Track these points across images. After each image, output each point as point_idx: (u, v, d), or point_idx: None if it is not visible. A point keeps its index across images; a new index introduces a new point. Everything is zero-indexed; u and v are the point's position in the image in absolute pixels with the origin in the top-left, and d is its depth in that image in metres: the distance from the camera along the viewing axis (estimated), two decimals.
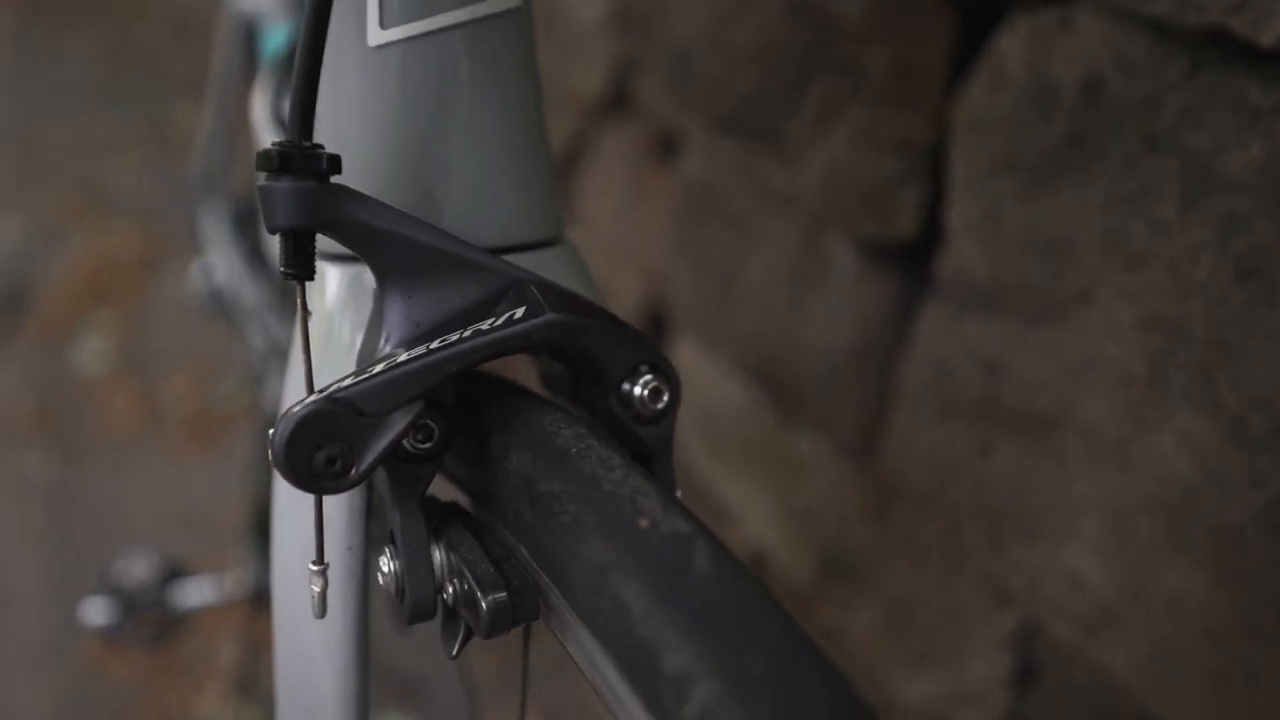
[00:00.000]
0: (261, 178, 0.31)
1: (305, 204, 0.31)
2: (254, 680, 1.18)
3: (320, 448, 0.30)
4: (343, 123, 0.36)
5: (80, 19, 3.58)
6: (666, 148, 1.02)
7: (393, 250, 0.33)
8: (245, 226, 1.06)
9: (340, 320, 0.37)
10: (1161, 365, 0.52)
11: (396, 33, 0.35)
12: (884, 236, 0.73)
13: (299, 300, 0.32)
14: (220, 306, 1.06)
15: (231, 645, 1.21)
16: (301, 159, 0.30)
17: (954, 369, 0.68)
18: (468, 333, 0.32)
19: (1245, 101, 0.46)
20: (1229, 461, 0.49)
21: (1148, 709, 0.58)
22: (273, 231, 0.31)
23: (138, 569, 0.91)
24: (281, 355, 0.93)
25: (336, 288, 0.38)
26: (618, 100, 1.06)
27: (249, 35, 1.00)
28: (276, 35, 0.93)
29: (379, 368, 0.31)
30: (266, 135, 0.66)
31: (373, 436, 0.31)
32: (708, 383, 1.03)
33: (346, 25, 0.35)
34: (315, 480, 0.30)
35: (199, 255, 1.10)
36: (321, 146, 0.31)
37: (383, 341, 0.34)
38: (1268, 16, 0.43)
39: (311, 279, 0.32)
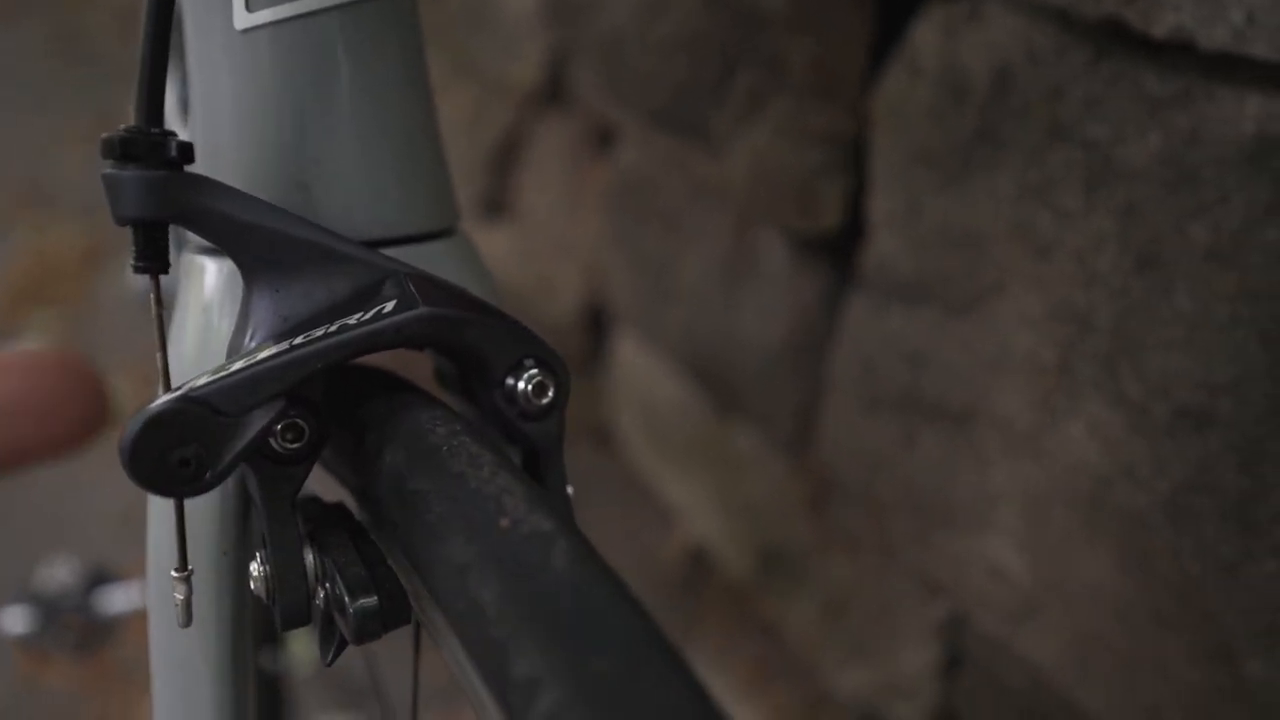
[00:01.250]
0: (106, 166, 0.30)
1: (154, 194, 0.29)
2: None
3: (173, 449, 0.29)
4: (212, 111, 0.35)
5: (20, 8, 3.48)
6: (603, 140, 1.01)
7: (256, 243, 0.32)
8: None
9: (218, 315, 0.36)
10: (1069, 355, 0.52)
11: (265, 15, 0.34)
12: (810, 230, 0.72)
13: (153, 295, 0.31)
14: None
15: None
16: (148, 146, 0.29)
17: (879, 362, 0.68)
18: (334, 328, 0.31)
19: (1143, 91, 0.46)
20: (1135, 450, 0.49)
21: (1070, 697, 0.59)
22: (120, 223, 0.30)
23: (60, 575, 0.88)
24: None
25: (214, 281, 0.36)
26: (553, 92, 1.05)
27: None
28: None
29: (238, 364, 0.30)
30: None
31: (231, 437, 0.30)
32: (649, 379, 1.02)
33: (213, 7, 0.34)
34: (168, 483, 0.29)
35: None
36: (172, 134, 0.30)
37: (248, 338, 0.33)
38: (1159, 8, 0.43)
39: (165, 272, 0.31)
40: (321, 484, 0.37)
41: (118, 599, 0.91)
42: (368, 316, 0.32)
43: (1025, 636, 0.60)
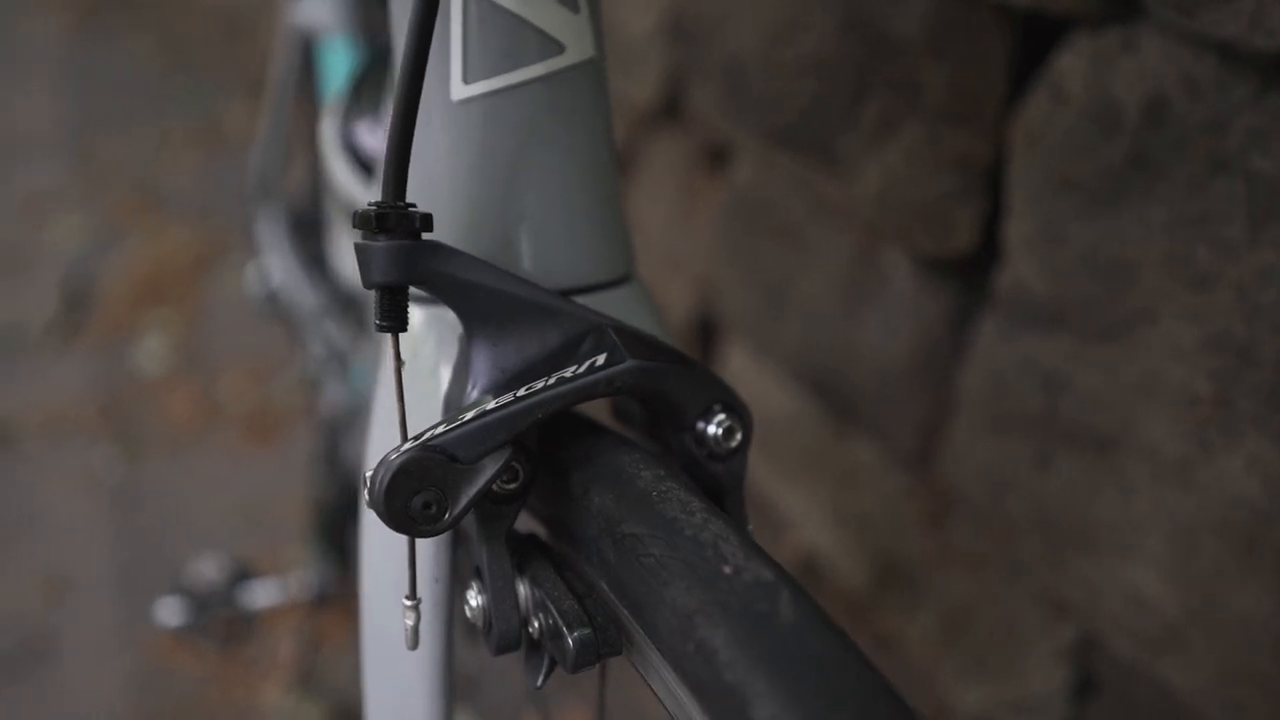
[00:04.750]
0: (358, 236, 0.33)
1: (400, 261, 0.32)
2: (314, 674, 1.22)
3: (417, 493, 0.32)
4: (426, 174, 0.38)
5: (133, 19, 3.66)
6: (717, 157, 1.02)
7: (480, 301, 0.35)
8: (302, 232, 1.08)
9: (424, 361, 0.39)
10: (1228, 388, 0.52)
11: (479, 87, 0.36)
12: (941, 252, 0.73)
13: (393, 350, 0.34)
14: (276, 309, 1.08)
15: (291, 640, 1.25)
16: (397, 219, 0.32)
17: (1011, 382, 0.68)
18: (552, 380, 0.34)
19: None
20: None
21: None
22: (369, 287, 0.33)
23: (208, 570, 0.95)
24: (339, 360, 0.95)
25: (420, 329, 0.39)
26: (667, 109, 1.07)
27: (306, 47, 1.03)
28: (335, 51, 0.95)
29: (469, 415, 0.33)
30: (335, 160, 0.68)
31: (465, 482, 0.33)
32: (760, 389, 1.04)
33: (431, 81, 0.36)
34: (412, 524, 0.32)
35: (256, 258, 1.13)
36: (414, 205, 0.33)
37: (470, 387, 0.36)
38: None
39: (405, 330, 0.33)
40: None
41: (260, 595, 0.97)
42: (581, 370, 0.34)
43: (1167, 666, 0.60)
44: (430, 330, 0.39)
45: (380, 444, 0.39)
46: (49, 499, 1.62)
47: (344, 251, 0.80)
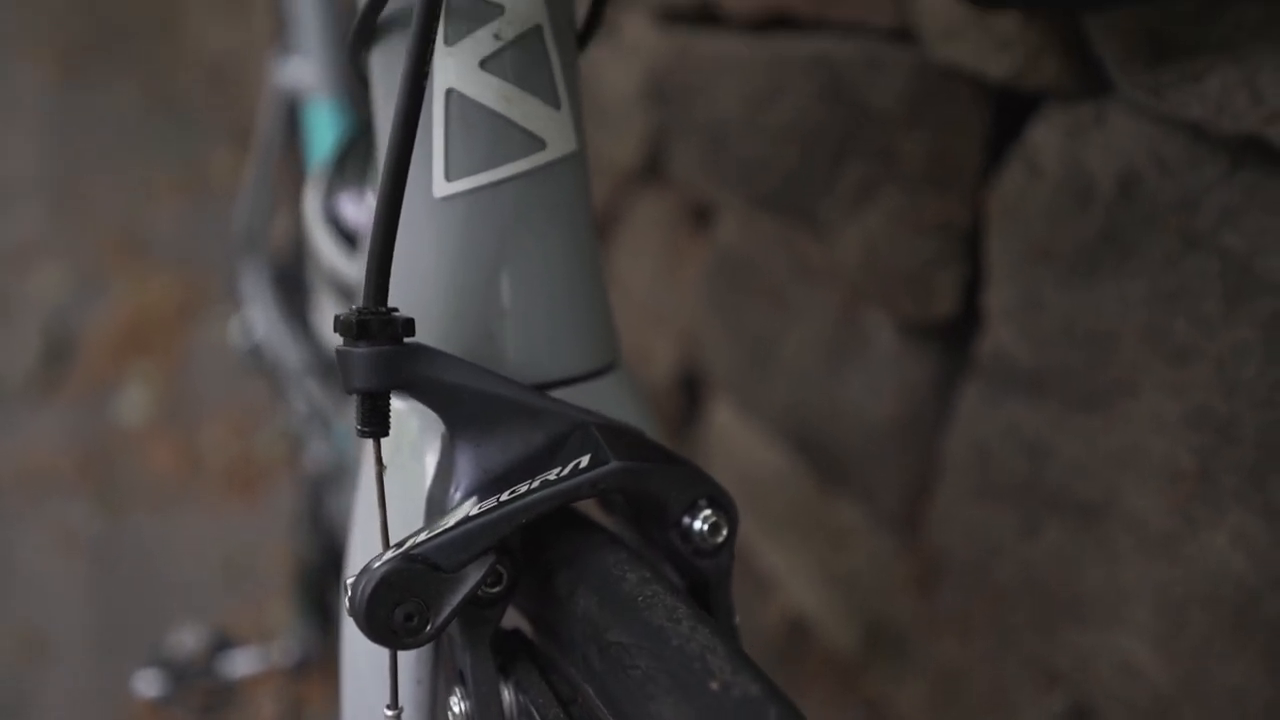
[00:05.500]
0: (339, 341, 0.33)
1: (381, 367, 0.32)
2: None
3: (399, 605, 0.31)
4: (408, 270, 0.38)
5: (117, 67, 3.68)
6: (700, 216, 1.03)
7: (463, 403, 0.34)
8: (286, 287, 1.08)
9: (406, 456, 0.39)
10: (1210, 462, 0.52)
11: (461, 184, 0.37)
12: (923, 316, 0.73)
13: (375, 456, 0.34)
14: (259, 363, 1.08)
15: (273, 705, 1.22)
16: (379, 325, 0.32)
17: (994, 449, 0.68)
18: (536, 483, 0.34)
19: None
20: None
21: None
22: (350, 393, 0.32)
23: (188, 640, 0.93)
24: (321, 418, 0.95)
25: (402, 424, 0.39)
26: (650, 169, 1.08)
27: (291, 107, 1.04)
28: (320, 112, 0.96)
29: (451, 521, 0.33)
30: (318, 231, 0.69)
31: (448, 591, 0.32)
32: (745, 446, 1.04)
33: (413, 178, 0.36)
34: (394, 636, 0.31)
35: (240, 311, 1.13)
36: (396, 310, 0.33)
37: (453, 489, 0.35)
38: None
39: (386, 435, 0.33)
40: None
41: (241, 663, 0.95)
42: (566, 472, 0.34)
43: None
44: (413, 425, 0.39)
45: (362, 549, 0.39)
46: (27, 554, 1.59)
47: (326, 317, 0.80)
